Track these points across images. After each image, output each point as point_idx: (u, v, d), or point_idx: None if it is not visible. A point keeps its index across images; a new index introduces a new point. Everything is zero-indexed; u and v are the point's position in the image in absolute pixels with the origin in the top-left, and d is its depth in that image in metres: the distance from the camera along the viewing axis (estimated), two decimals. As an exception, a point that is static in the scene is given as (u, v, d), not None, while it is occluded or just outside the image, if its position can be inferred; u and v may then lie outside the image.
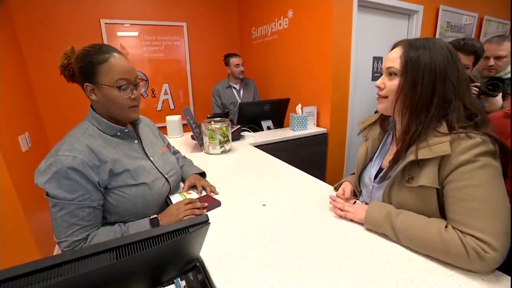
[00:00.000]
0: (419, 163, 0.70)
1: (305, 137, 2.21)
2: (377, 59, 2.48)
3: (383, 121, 0.91)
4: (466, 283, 0.61)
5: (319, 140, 2.30)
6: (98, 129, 0.87)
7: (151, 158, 0.98)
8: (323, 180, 1.20)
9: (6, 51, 1.98)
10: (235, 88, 2.71)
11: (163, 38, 3.02)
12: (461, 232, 0.63)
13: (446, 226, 0.66)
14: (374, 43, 2.43)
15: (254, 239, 0.80)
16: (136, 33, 2.88)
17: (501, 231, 0.60)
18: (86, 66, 0.81)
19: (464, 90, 0.71)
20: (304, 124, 2.23)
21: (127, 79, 0.84)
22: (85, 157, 0.77)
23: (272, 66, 2.94)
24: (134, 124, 1.00)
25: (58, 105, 2.58)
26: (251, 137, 2.07)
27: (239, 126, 2.04)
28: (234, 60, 2.60)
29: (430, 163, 0.68)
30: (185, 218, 0.89)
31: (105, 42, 2.72)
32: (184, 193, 1.08)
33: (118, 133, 0.90)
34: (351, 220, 0.86)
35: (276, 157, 1.57)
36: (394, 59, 0.75)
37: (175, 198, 1.05)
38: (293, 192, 1.11)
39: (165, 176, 1.00)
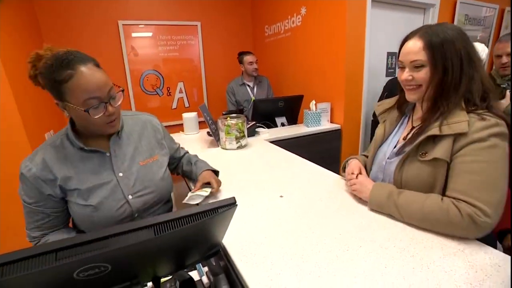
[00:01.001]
0: (434, 139, 0.77)
1: (319, 133, 2.22)
2: (391, 55, 2.45)
3: (401, 105, 0.96)
4: (483, 269, 0.61)
5: (333, 136, 2.30)
6: (68, 140, 0.83)
7: (119, 174, 0.87)
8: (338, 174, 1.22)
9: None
10: (249, 86, 2.74)
11: (177, 37, 3.09)
12: (458, 199, 0.71)
13: (442, 199, 0.73)
14: (388, 39, 2.40)
15: (273, 227, 0.83)
16: (150, 34, 2.96)
17: (495, 201, 0.68)
18: (49, 84, 0.72)
19: (480, 64, 0.77)
20: (318, 120, 2.24)
21: (97, 97, 0.74)
22: (38, 171, 0.78)
23: (285, 63, 2.95)
24: (115, 133, 0.89)
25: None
26: (266, 133, 2.10)
27: (254, 122, 2.07)
28: (248, 58, 2.63)
29: (445, 139, 0.75)
30: None
31: (122, 42, 2.82)
32: (198, 192, 1.03)
33: (85, 148, 0.83)
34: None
35: (293, 152, 1.59)
36: (416, 51, 0.77)
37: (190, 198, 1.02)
38: (308, 184, 1.13)
39: (128, 197, 0.87)
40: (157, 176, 0.95)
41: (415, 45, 0.78)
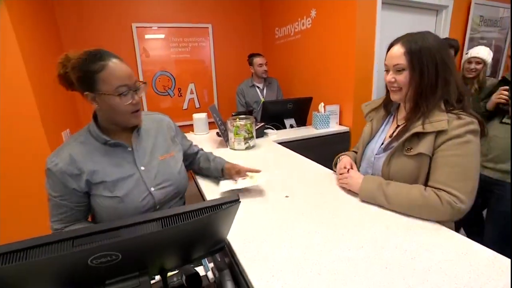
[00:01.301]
0: (418, 136, 0.86)
1: (328, 135, 2.22)
2: (403, 56, 2.43)
3: (386, 104, 1.06)
4: (485, 273, 0.62)
5: (341, 139, 2.30)
6: (92, 136, 0.89)
7: (141, 168, 0.93)
8: None
9: (53, 53, 2.19)
10: (258, 87, 2.77)
11: (189, 39, 3.16)
12: (439, 189, 0.81)
13: (425, 189, 0.84)
14: (400, 40, 2.37)
15: (277, 225, 0.85)
16: (163, 36, 3.03)
17: (469, 190, 0.80)
18: (84, 76, 0.79)
19: (456, 71, 0.88)
20: (326, 122, 2.24)
21: (127, 85, 0.82)
22: (64, 166, 0.82)
23: (295, 65, 2.96)
24: (135, 129, 0.96)
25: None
26: (274, 134, 2.12)
27: (262, 123, 2.09)
28: (257, 60, 2.66)
29: (428, 136, 0.85)
30: None
31: (136, 44, 2.90)
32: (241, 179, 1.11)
33: (109, 142, 0.88)
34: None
35: (301, 154, 1.60)
36: (398, 56, 0.87)
37: (226, 185, 1.09)
38: (314, 185, 1.14)
39: (150, 189, 0.93)
40: (175, 170, 1.02)
41: (398, 51, 0.88)
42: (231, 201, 0.48)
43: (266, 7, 3.32)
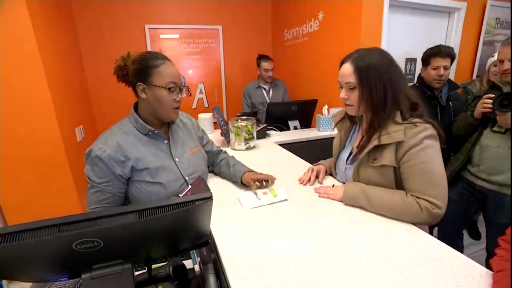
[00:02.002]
0: (380, 147, 0.91)
1: (330, 137, 2.21)
2: (411, 61, 2.40)
3: (350, 116, 1.10)
4: (455, 279, 0.63)
5: (344, 141, 2.30)
6: (134, 127, 0.99)
7: (176, 159, 1.05)
8: None
9: (70, 52, 2.32)
10: (264, 89, 2.81)
11: (200, 40, 3.24)
12: (417, 197, 0.86)
13: (406, 195, 0.88)
14: (408, 44, 2.35)
15: (262, 224, 0.89)
16: (177, 35, 3.13)
17: (443, 195, 0.85)
18: (142, 68, 0.93)
19: (405, 84, 0.93)
20: (329, 125, 2.25)
21: (175, 83, 0.96)
22: (112, 152, 0.91)
23: (302, 67, 2.98)
24: (169, 124, 1.09)
25: (107, 103, 2.93)
26: (277, 135, 2.15)
27: (265, 125, 2.13)
28: (264, 65, 2.69)
29: (389, 147, 0.89)
30: None
31: (148, 44, 3.02)
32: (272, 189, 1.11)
33: (150, 133, 1.00)
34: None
35: (301, 156, 1.63)
36: (349, 74, 0.92)
37: (249, 202, 1.05)
38: (305, 187, 1.17)
39: (185, 178, 1.05)
40: (202, 163, 1.18)
41: (348, 69, 0.92)
42: (204, 198, 0.53)
43: (277, 9, 3.36)
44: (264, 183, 1.16)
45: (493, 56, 1.93)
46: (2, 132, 1.63)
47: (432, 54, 1.66)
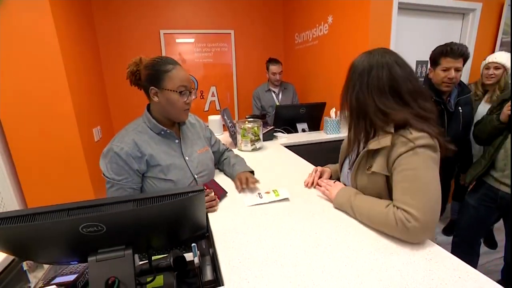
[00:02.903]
0: (373, 155, 0.87)
1: (338, 140, 2.24)
2: (422, 63, 2.37)
3: None
4: (440, 277, 0.65)
5: (352, 144, 2.30)
6: (148, 126, 1.07)
7: (186, 158, 1.12)
8: None
9: (90, 55, 2.47)
10: (274, 92, 2.86)
11: (212, 45, 3.34)
12: (398, 207, 0.78)
13: (387, 206, 0.81)
14: (419, 47, 2.32)
15: (258, 221, 0.94)
16: (191, 40, 3.25)
17: (425, 206, 0.74)
18: (154, 73, 1.00)
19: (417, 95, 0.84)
20: (337, 128, 2.27)
21: (186, 86, 1.02)
22: (130, 149, 0.98)
23: (312, 70, 3.01)
24: (179, 125, 1.17)
25: (123, 104, 3.07)
26: (284, 138, 2.19)
27: (272, 127, 2.18)
28: (272, 68, 2.73)
29: (380, 154, 0.84)
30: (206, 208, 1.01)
31: (163, 49, 3.15)
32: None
33: (162, 132, 1.08)
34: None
35: (308, 158, 1.65)
36: None
37: (251, 200, 1.09)
38: (305, 188, 1.21)
39: (195, 176, 1.12)
40: (210, 162, 1.24)
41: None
42: (195, 191, 0.58)
43: (288, 13, 3.40)
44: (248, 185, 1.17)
45: (485, 59, 1.88)
46: (24, 131, 1.76)
47: (443, 53, 1.48)
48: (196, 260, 0.90)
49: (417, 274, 0.66)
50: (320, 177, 1.22)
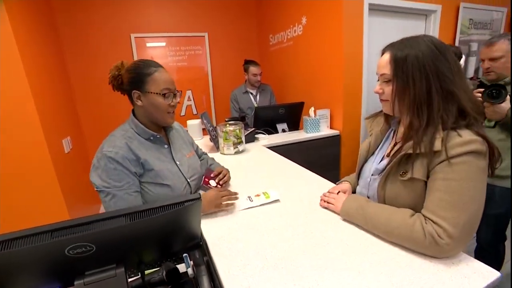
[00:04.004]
0: (411, 159, 0.74)
1: (318, 139, 2.28)
2: (391, 61, 2.48)
3: (387, 116, 0.93)
4: (436, 264, 0.67)
5: (332, 142, 2.35)
6: (135, 132, 1.02)
7: (177, 163, 1.09)
8: (338, 180, 1.26)
9: (54, 61, 2.30)
10: (251, 94, 2.84)
11: (186, 48, 3.27)
12: (427, 218, 0.69)
13: (412, 215, 0.72)
14: (388, 45, 2.43)
15: (252, 225, 0.92)
16: (162, 44, 3.14)
17: (462, 223, 0.65)
18: (136, 76, 0.96)
19: (460, 81, 0.72)
20: (317, 126, 2.31)
21: (169, 89, 0.99)
22: (125, 153, 0.92)
23: (288, 71, 3.04)
24: (166, 130, 1.13)
25: (95, 112, 2.90)
26: (265, 139, 2.19)
27: (253, 128, 2.17)
28: (252, 70, 2.71)
29: (422, 158, 0.72)
30: (224, 203, 1.02)
31: (134, 53, 3.02)
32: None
33: (151, 138, 1.03)
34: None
35: (290, 158, 1.66)
36: (384, 65, 0.78)
37: (242, 204, 1.08)
38: (294, 188, 1.21)
39: (188, 180, 1.10)
40: (198, 166, 1.22)
41: (384, 59, 0.79)
42: (192, 199, 0.55)
43: (261, 14, 3.42)
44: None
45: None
46: (-15, 146, 1.59)
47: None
48: (190, 271, 0.86)
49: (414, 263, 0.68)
50: None
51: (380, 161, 0.90)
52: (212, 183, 1.19)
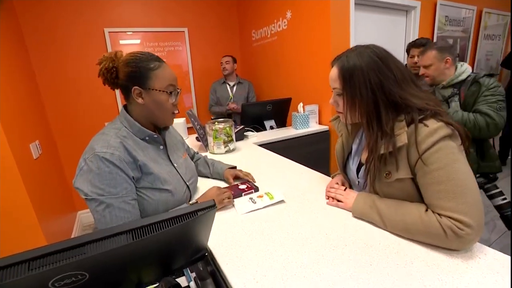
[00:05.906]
0: (390, 159, 0.74)
1: (308, 135, 2.24)
2: (376, 55, 2.51)
3: None
4: (464, 261, 0.63)
5: (321, 138, 2.32)
6: (129, 131, 0.89)
7: (175, 165, 0.99)
8: (329, 176, 1.22)
9: (17, 65, 2.06)
10: (229, 85, 2.96)
11: (165, 44, 3.09)
12: (438, 214, 0.67)
13: (426, 210, 0.71)
14: (374, 40, 2.41)
15: (259, 229, 0.83)
16: (138, 41, 2.95)
17: (472, 207, 0.64)
18: (138, 71, 0.84)
19: (407, 86, 0.74)
20: (306, 122, 2.26)
21: (174, 85, 0.89)
22: (121, 154, 0.80)
23: (273, 67, 2.98)
24: (159, 131, 1.00)
25: (65, 113, 2.65)
26: (254, 136, 2.10)
27: (242, 126, 2.07)
28: (221, 59, 2.92)
29: (400, 156, 0.72)
30: (226, 201, 0.96)
31: (109, 48, 2.80)
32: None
33: (147, 138, 0.91)
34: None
35: (280, 155, 1.60)
36: (335, 79, 0.80)
37: (244, 207, 0.98)
38: (296, 186, 1.14)
39: (187, 183, 1.01)
40: (194, 167, 1.14)
41: (334, 72, 0.80)
42: (207, 207, 0.46)
43: (243, 9, 3.32)
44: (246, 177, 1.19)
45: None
46: None
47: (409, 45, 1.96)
48: (193, 285, 0.76)
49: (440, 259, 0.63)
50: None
51: (359, 163, 0.91)
52: (242, 186, 1.13)
